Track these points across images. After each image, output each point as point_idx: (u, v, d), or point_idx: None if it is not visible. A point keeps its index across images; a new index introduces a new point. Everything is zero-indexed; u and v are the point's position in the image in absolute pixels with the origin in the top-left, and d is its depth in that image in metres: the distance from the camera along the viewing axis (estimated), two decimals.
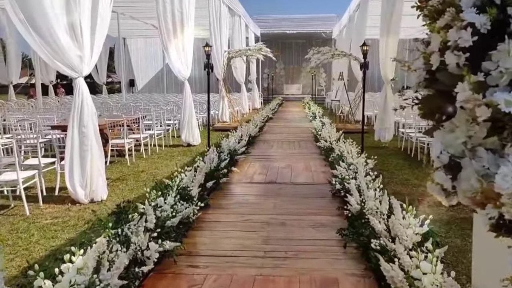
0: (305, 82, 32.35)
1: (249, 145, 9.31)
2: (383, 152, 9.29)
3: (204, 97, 18.89)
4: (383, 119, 9.90)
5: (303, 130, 12.55)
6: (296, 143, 9.94)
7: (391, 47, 9.46)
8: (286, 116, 17.48)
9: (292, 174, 6.59)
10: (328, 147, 7.67)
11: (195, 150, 9.74)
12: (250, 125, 10.62)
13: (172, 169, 7.69)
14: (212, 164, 5.76)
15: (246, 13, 20.48)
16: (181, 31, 9.76)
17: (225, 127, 13.45)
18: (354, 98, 13.64)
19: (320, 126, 10.31)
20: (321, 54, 12.65)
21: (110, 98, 18.62)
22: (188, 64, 10.07)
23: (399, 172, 7.29)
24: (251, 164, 7.36)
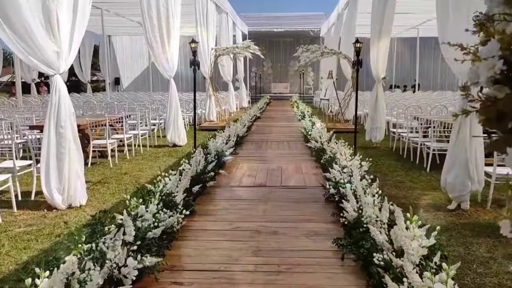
0: (292, 81, 32.15)
1: (237, 146, 9.00)
2: (374, 153, 9.07)
3: (190, 96, 18.51)
4: (374, 118, 9.68)
5: (292, 130, 12.28)
6: (285, 143, 9.66)
7: (383, 45, 9.24)
8: (274, 115, 17.20)
9: (282, 177, 6.30)
10: (319, 148, 7.40)
11: (181, 151, 9.40)
12: (238, 125, 10.31)
13: (156, 171, 7.39)
14: (198, 167, 5.44)
15: (233, 11, 20.15)
16: (167, 28, 9.40)
17: (212, 127, 13.13)
18: (344, 97, 13.42)
19: (310, 126, 10.04)
20: (310, 52, 12.39)
21: (94, 97, 18.15)
22: (174, 62, 9.72)
23: (392, 173, 7.05)
24: (239, 166, 7.05)
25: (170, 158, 8.58)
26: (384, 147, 9.79)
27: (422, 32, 22.81)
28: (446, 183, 5.05)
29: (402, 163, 7.90)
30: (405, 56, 28.00)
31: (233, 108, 19.01)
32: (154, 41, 9.31)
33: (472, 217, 4.80)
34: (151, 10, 9.05)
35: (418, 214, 3.02)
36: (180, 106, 12.52)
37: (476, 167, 4.89)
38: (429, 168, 7.19)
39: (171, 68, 9.69)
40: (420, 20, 20.08)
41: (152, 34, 9.26)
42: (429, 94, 19.55)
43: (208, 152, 6.50)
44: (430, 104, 11.89)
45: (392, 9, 9.13)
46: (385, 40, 9.13)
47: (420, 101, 13.44)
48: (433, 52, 28.50)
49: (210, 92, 13.92)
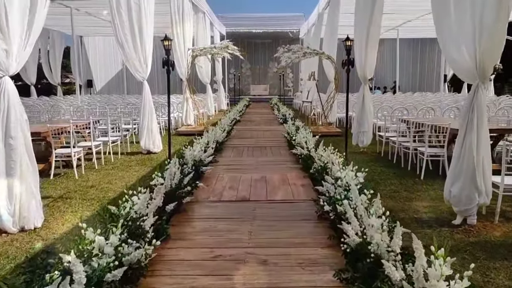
0: (272, 83, 31.69)
1: (216, 153, 8.36)
2: (362, 158, 8.57)
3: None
4: (361, 122, 9.18)
5: (274, 133, 11.70)
6: (268, 149, 9.06)
7: (372, 45, 8.73)
8: (254, 118, 16.60)
9: (267, 189, 5.69)
10: (306, 156, 6.83)
11: (155, 159, 8.70)
12: (217, 130, 9.66)
13: (128, 182, 6.69)
14: (173, 181, 4.78)
15: (210, 10, 19.50)
16: (139, 26, 8.70)
17: (190, 131, 12.44)
18: (327, 99, 12.92)
19: (294, 130, 9.48)
20: (292, 52, 11.85)
21: (64, 100, 17.15)
22: (147, 63, 9.02)
23: (385, 182, 6.54)
24: (219, 177, 6.40)
25: (143, 167, 7.87)
26: (371, 152, 9.31)
27: (402, 33, 22.62)
28: (451, 195, 4.53)
29: (394, 170, 7.40)
30: (384, 57, 27.85)
31: (211, 111, 18.34)
32: (125, 40, 8.60)
33: (481, 234, 4.29)
34: (120, 6, 8.34)
35: (444, 244, 2.45)
36: (155, 110, 11.81)
37: (484, 178, 4.38)
38: (423, 175, 6.71)
39: (144, 70, 8.99)
40: (400, 21, 19.85)
41: (123, 32, 8.55)
42: (410, 96, 19.30)
43: (185, 162, 5.85)
44: (416, 106, 11.49)
45: (381, 7, 8.65)
46: (375, 39, 8.62)
47: (405, 103, 13.06)
48: (412, 53, 28.47)
49: (187, 95, 13.22)
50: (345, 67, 6.32)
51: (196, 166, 6.08)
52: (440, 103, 12.31)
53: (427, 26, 21.60)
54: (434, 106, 11.17)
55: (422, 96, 18.57)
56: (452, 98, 14.71)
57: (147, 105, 9.17)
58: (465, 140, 4.36)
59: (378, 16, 8.62)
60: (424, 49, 28.47)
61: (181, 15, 13.12)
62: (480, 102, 4.27)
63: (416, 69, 28.88)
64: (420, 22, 19.61)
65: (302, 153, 7.05)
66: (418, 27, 21.56)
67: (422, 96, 17.84)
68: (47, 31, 22.79)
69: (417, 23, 20.08)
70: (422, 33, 25.56)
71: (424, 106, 10.81)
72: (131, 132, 11.01)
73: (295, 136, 8.60)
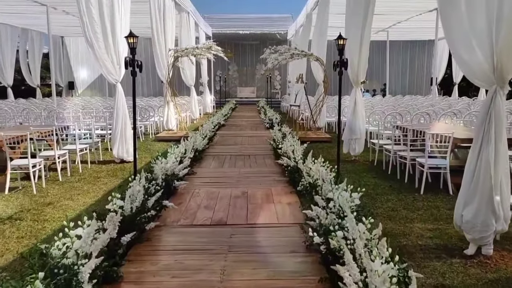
0: (259, 85, 31.01)
1: (195, 162, 7.62)
2: (354, 168, 7.89)
3: (149, 102, 16.92)
4: (353, 128, 8.50)
5: (259, 140, 10.97)
6: (252, 158, 8.33)
7: (364, 45, 8.08)
8: (240, 122, 15.87)
9: (248, 208, 4.95)
10: (293, 168, 6.12)
11: (128, 169, 7.91)
12: (198, 137, 8.90)
13: (93, 197, 5.92)
14: (135, 204, 4.02)
15: (195, 10, 18.75)
16: (112, 24, 7.94)
17: (170, 137, 11.66)
18: (316, 103, 12.25)
19: (280, 137, 8.77)
20: (279, 54, 11.16)
21: (41, 103, 16.22)
22: (121, 64, 8.24)
23: (381, 197, 5.85)
24: (194, 193, 5.64)
25: (113, 179, 7.08)
26: (364, 160, 8.64)
27: (392, 35, 22.13)
28: (463, 221, 3.84)
29: (389, 182, 6.73)
30: (373, 60, 27.30)
31: (196, 115, 17.57)
32: (95, 40, 7.82)
33: (501, 268, 3.60)
34: (90, 3, 7.56)
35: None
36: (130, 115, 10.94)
37: (502, 200, 3.71)
38: (423, 189, 6.04)
39: (117, 72, 8.22)
40: (390, 22, 19.33)
41: (92, 31, 7.77)
42: (401, 99, 18.76)
43: (154, 178, 5.08)
44: (410, 111, 10.87)
45: (374, 8, 8.03)
46: (367, 40, 7.98)
47: (397, 107, 12.45)
48: (401, 56, 28.01)
49: (168, 98, 12.44)
50: (336, 69, 5.61)
51: (168, 181, 5.33)
52: (433, 108, 11.70)
53: (418, 28, 21.22)
54: (427, 110, 10.56)
55: (413, 99, 18.02)
56: (445, 102, 14.13)
57: (120, 109, 8.39)
58: (481, 155, 3.68)
59: (371, 17, 8.00)
60: (414, 51, 28.05)
61: (162, 14, 12.36)
62: (499, 111, 3.59)
63: (405, 71, 28.43)
64: (410, 23, 19.17)
65: (289, 165, 6.33)
66: (408, 28, 21.10)
67: (413, 100, 17.27)
68: (26, 31, 21.88)
69: (407, 25, 19.62)
70: (412, 35, 25.16)
71: (418, 111, 10.18)
72: (106, 138, 10.23)
73: (281, 144, 7.88)
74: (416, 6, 15.58)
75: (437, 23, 15.72)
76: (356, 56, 8.17)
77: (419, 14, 17.01)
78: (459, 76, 22.33)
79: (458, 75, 22.38)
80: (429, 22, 18.27)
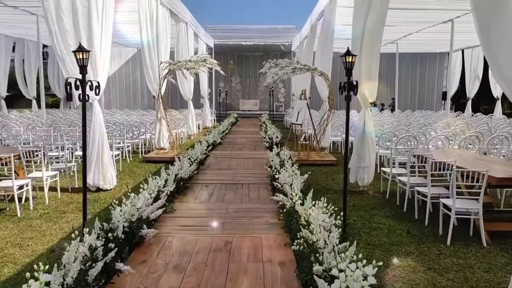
0: (262, 98, 30.06)
1: (177, 194, 6.55)
2: (363, 203, 6.78)
3: (145, 117, 15.92)
4: (361, 155, 7.42)
5: (257, 163, 9.90)
6: (245, 189, 7.23)
7: (373, 62, 7.05)
8: (238, 140, 14.81)
9: (229, 270, 3.85)
10: (290, 210, 5.03)
11: (103, 200, 6.87)
12: (185, 162, 7.85)
13: (49, 241, 4.86)
14: (67, 279, 2.94)
15: (195, 20, 17.84)
16: (88, 35, 6.97)
17: (160, 158, 10.64)
18: (320, 121, 11.18)
19: (278, 164, 7.70)
20: (279, 68, 10.13)
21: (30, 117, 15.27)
22: (102, 78, 7.28)
23: (398, 249, 4.74)
24: (166, 243, 4.55)
25: (80, 215, 6.01)
26: (374, 192, 7.54)
27: (401, 47, 21.10)
28: None
29: (407, 224, 5.62)
30: (381, 73, 26.19)
31: (193, 130, 16.55)
32: (67, 52, 6.83)
33: None
34: (61, 8, 6.60)
35: None
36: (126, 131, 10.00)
37: None
38: (449, 238, 4.92)
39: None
40: (400, 34, 18.31)
41: (63, 43, 6.79)
42: (411, 115, 17.67)
43: (112, 228, 4.02)
44: (424, 132, 9.79)
45: (384, 17, 7.01)
46: (378, 54, 6.96)
47: (409, 126, 11.36)
48: (411, 69, 26.95)
49: (161, 114, 11.42)
50: (343, 92, 4.55)
51: (133, 228, 4.26)
52: (451, 129, 10.61)
53: (429, 40, 20.18)
54: (446, 133, 9.48)
55: (424, 116, 16.93)
56: (461, 120, 13.00)
57: (97, 130, 7.37)
58: None
59: (382, 29, 6.99)
60: (424, 64, 26.98)
61: (154, 23, 11.41)
62: None
63: (415, 85, 27.34)
64: (421, 35, 18.16)
65: (286, 204, 5.25)
66: (419, 40, 20.09)
67: (425, 117, 16.18)
68: (21, 40, 21.12)
69: (418, 37, 18.60)
70: (423, 48, 24.13)
71: (435, 135, 9.09)
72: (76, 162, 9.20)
73: (278, 174, 6.80)
74: (429, 17, 14.57)
75: (452, 35, 14.68)
76: (364, 73, 7.13)
77: (432, 26, 15.98)
78: (473, 91, 21.24)
79: (471, 89, 21.28)
80: (441, 34, 17.26)
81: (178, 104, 23.48)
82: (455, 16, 14.10)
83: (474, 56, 21.29)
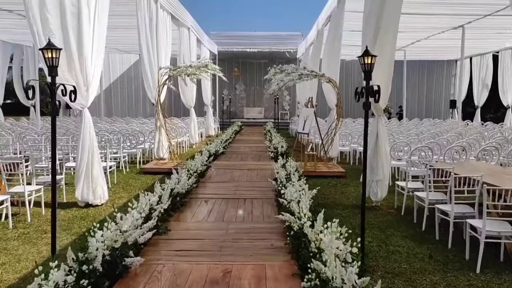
0: (267, 105, 29.51)
1: (173, 212, 5.96)
2: (377, 221, 6.16)
3: (145, 125, 15.37)
4: (374, 167, 6.83)
5: (261, 175, 9.31)
6: (247, 205, 6.61)
7: (387, 67, 6.49)
8: (242, 149, 14.24)
9: None
10: (298, 232, 4.43)
11: (92, 217, 6.30)
12: (183, 175, 7.27)
13: (18, 272, 4.27)
14: None
15: (197, 26, 17.36)
16: (78, 38, 6.44)
17: (158, 169, 10.08)
18: (327, 131, 10.60)
19: (284, 178, 7.11)
20: (285, 74, 9.59)
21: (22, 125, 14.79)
22: (89, 86, 6.74)
23: (421, 279, 4.11)
24: (154, 273, 3.89)
25: (64, 235, 5.46)
26: (388, 207, 6.93)
27: (408, 55, 20.54)
28: None
29: (428, 247, 5.01)
30: None
31: (195, 139, 16.00)
32: None
33: None
34: (46, 7, 6.06)
35: None
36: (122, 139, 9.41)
37: None
38: (479, 266, 4.30)
39: (84, 96, 6.70)
40: (408, 40, 17.75)
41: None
42: (419, 123, 17.04)
43: (88, 259, 3.43)
44: (439, 142, 9.18)
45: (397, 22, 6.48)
46: (389, 59, 6.40)
47: (420, 135, 10.74)
48: (418, 76, 26.35)
49: (160, 122, 10.88)
50: (359, 99, 3.96)
51: (115, 257, 3.67)
52: (465, 139, 9.98)
53: (438, 47, 19.61)
54: (461, 143, 8.87)
55: (434, 124, 16.29)
56: (475, 131, 12.36)
57: (86, 140, 6.82)
58: None
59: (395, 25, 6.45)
60: (432, 71, 26.40)
61: (154, 28, 10.91)
62: None
63: (422, 93, 26.74)
64: (429, 42, 17.60)
65: (293, 226, 4.65)
66: (427, 48, 19.53)
67: (435, 126, 15.54)
68: (21, 47, 20.77)
69: (426, 43, 18.04)
70: (431, 55, 23.58)
71: (451, 146, 8.47)
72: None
73: (284, 189, 6.21)
74: (439, 23, 14.02)
75: (463, 41, 14.12)
76: (378, 78, 6.55)
77: (441, 32, 15.42)
78: (482, 99, 20.63)
79: (480, 97, 20.68)
80: (450, 40, 16.72)
81: (182, 111, 22.98)
82: (466, 21, 13.54)
83: (483, 64, 20.70)
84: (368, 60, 3.71)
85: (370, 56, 3.69)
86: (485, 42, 17.42)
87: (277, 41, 26.82)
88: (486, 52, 20.08)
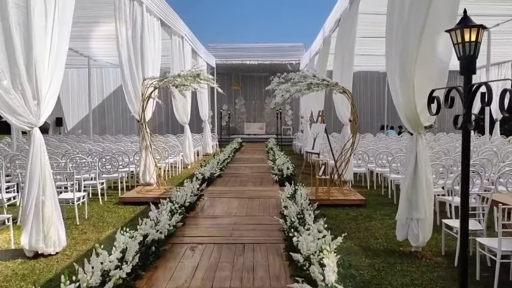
0: (269, 120, 28.02)
1: (144, 270, 4.30)
2: (424, 278, 4.45)
3: (135, 144, 13.78)
4: (413, 201, 5.18)
5: (264, 205, 7.66)
6: (248, 254, 4.95)
7: (426, 73, 4.92)
8: (242, 170, 12.59)
9: None
10: None
11: (40, 272, 4.64)
12: (163, 213, 5.62)
13: None
14: None
15: (192, 35, 15.88)
16: (26, 44, 4.89)
17: (141, 199, 8.39)
18: (341, 151, 8.96)
19: (294, 215, 5.45)
20: (291, 83, 8.03)
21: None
22: (41, 100, 5.17)
23: None
24: None
25: None
26: (432, 253, 5.24)
27: None
28: None
29: None
30: None
31: (190, 158, 14.38)
32: None
33: None
34: None
35: None
36: (99, 162, 7.83)
37: None
38: None
39: (35, 112, 5.12)
40: None
41: None
42: (437, 139, 15.42)
43: None
44: (481, 161, 7.55)
45: None
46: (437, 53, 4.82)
47: (453, 155, 9.09)
48: None
49: (145, 142, 9.27)
50: (452, 105, 2.34)
51: None
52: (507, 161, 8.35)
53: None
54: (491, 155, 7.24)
55: (453, 139, 14.64)
56: (506, 148, 10.72)
57: (36, 169, 5.19)
58: None
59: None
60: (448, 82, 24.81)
61: (138, 32, 9.39)
62: None
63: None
64: None
65: None
66: None
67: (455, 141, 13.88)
68: None
69: None
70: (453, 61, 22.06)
71: (504, 171, 6.82)
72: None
73: (296, 233, 4.55)
74: None
75: (489, 46, 12.60)
76: (412, 89, 4.98)
77: None
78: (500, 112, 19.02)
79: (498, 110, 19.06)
80: None
81: (178, 129, 21.40)
82: (494, 24, 12.05)
83: (501, 73, 19.18)
84: (471, 36, 2.09)
85: (477, 27, 2.06)
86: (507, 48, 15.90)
87: (279, 53, 25.42)
88: (507, 61, 18.56)
